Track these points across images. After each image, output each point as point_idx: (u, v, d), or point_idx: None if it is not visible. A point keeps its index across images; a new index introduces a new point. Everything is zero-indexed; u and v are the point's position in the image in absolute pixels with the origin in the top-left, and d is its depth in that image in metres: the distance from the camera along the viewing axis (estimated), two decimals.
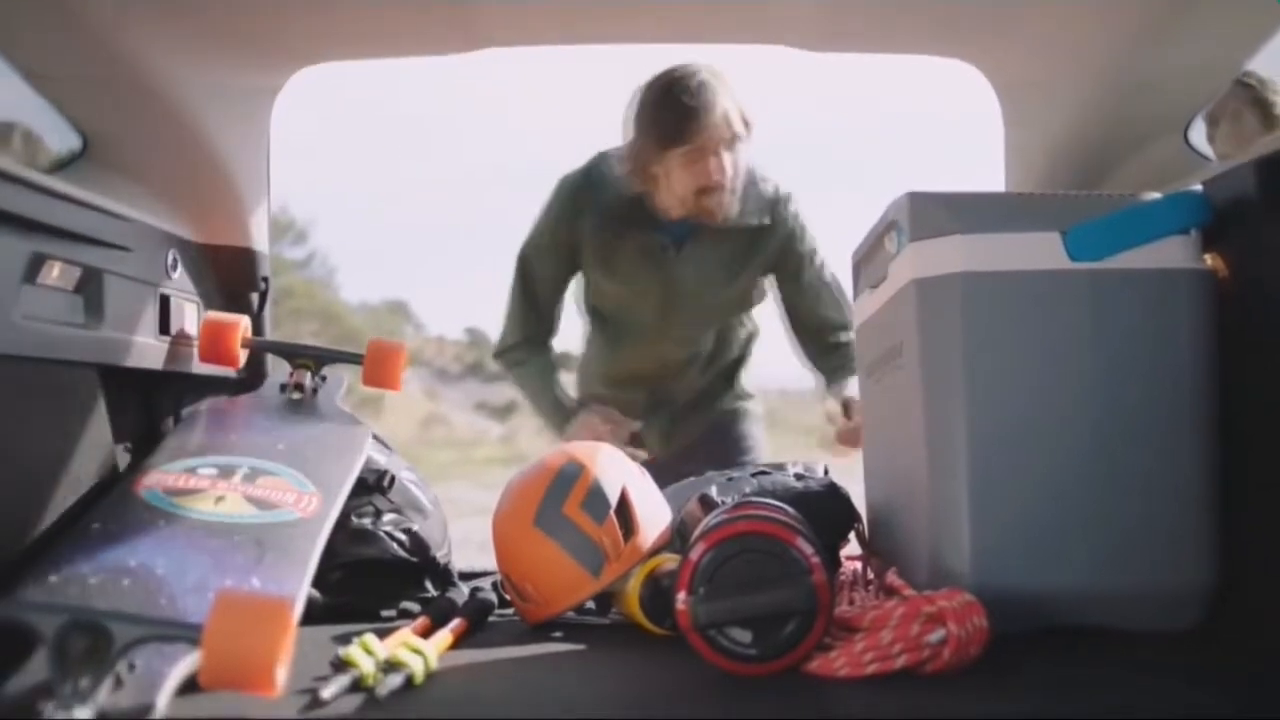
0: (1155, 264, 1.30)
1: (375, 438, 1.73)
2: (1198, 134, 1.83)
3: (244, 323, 1.80)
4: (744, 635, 1.20)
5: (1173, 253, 1.32)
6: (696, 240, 2.37)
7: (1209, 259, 1.43)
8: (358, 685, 1.13)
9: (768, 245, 2.42)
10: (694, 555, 1.23)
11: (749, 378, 2.70)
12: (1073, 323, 1.30)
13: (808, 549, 1.21)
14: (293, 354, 1.82)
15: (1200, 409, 1.32)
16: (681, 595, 1.22)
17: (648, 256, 2.38)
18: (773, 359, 2.77)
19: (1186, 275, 1.32)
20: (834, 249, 2.46)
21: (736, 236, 2.38)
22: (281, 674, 0.92)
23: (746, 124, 2.24)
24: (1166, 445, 1.31)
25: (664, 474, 2.23)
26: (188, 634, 0.94)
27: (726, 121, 2.18)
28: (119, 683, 0.99)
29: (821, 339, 2.51)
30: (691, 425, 2.61)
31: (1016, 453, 1.31)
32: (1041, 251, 1.30)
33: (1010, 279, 1.30)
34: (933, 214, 1.36)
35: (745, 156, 2.28)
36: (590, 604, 1.56)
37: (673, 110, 2.16)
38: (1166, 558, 1.30)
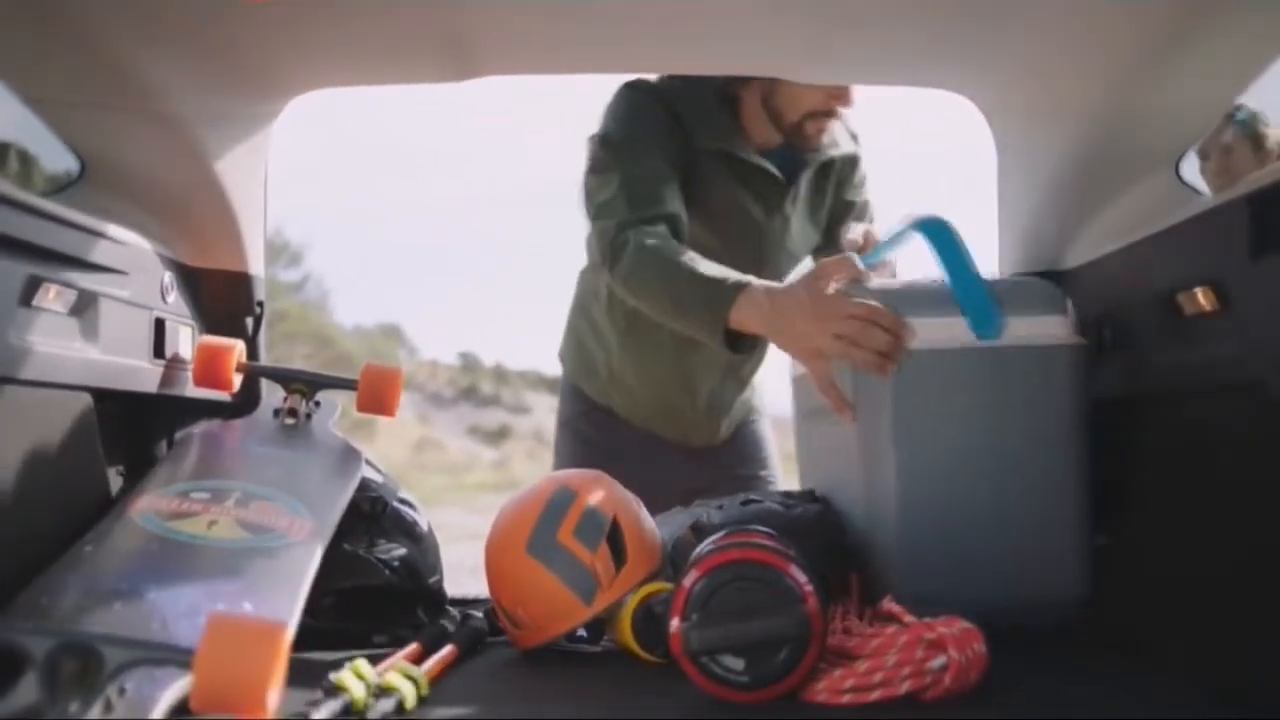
0: (1040, 341, 1.57)
1: (368, 463, 1.72)
2: (1189, 168, 1.84)
3: (239, 347, 1.81)
4: (737, 662, 1.20)
5: (1054, 331, 1.58)
6: (802, 175, 2.07)
7: (1200, 293, 1.45)
8: (349, 710, 1.13)
9: (850, 181, 2.16)
10: (687, 582, 1.23)
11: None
12: (978, 389, 1.57)
13: (800, 577, 1.21)
14: (287, 379, 1.82)
15: (1073, 456, 1.58)
16: (675, 622, 1.22)
17: (754, 192, 2.00)
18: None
19: (1065, 349, 1.58)
20: None
21: (825, 170, 2.12)
22: (273, 698, 0.92)
23: None
24: (1048, 487, 1.57)
25: (702, 473, 2.19)
26: (179, 658, 0.94)
27: None
28: (109, 706, 0.99)
29: None
30: (729, 421, 2.30)
31: (936, 493, 1.56)
32: (953, 332, 1.55)
33: (929, 356, 1.54)
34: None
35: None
36: (582, 631, 1.56)
37: None
38: (1049, 575, 1.57)
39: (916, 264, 1.70)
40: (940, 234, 1.57)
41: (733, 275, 1.67)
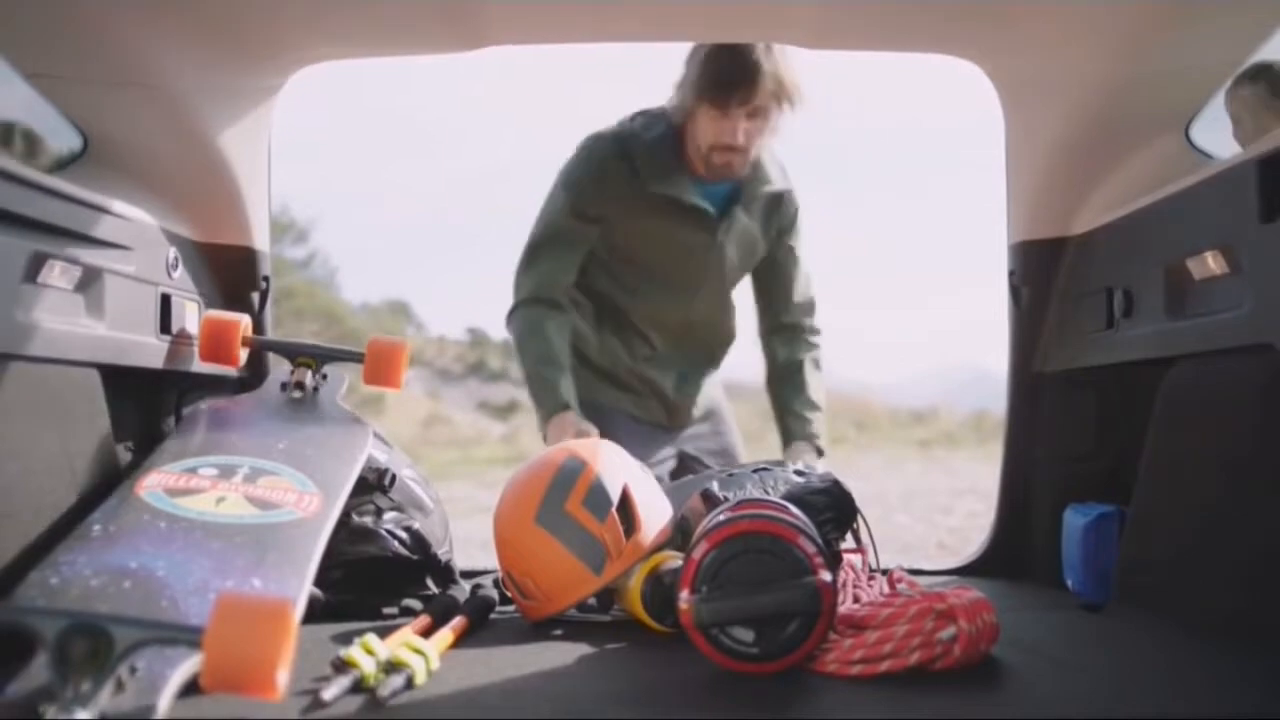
0: None
1: (376, 436, 1.72)
2: (1199, 131, 1.83)
3: (245, 321, 1.80)
4: (746, 634, 1.20)
5: None
6: (734, 208, 2.38)
7: (1210, 257, 1.44)
8: (359, 686, 1.13)
9: (784, 215, 2.46)
10: (697, 554, 1.23)
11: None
12: None
13: (810, 548, 1.21)
14: (293, 352, 1.81)
15: None
16: (684, 594, 1.22)
17: (692, 226, 2.34)
18: None
19: None
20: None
21: (761, 203, 2.42)
22: (283, 676, 0.91)
23: (786, 100, 2.21)
24: None
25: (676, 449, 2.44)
26: (189, 636, 0.94)
27: (763, 92, 2.17)
28: (120, 686, 0.99)
29: (789, 358, 2.52)
30: (692, 405, 2.54)
31: None
32: None
33: None
34: None
35: (773, 129, 2.29)
36: (592, 601, 1.56)
37: (717, 64, 2.16)
38: None
39: None
40: None
41: (560, 399, 2.24)
